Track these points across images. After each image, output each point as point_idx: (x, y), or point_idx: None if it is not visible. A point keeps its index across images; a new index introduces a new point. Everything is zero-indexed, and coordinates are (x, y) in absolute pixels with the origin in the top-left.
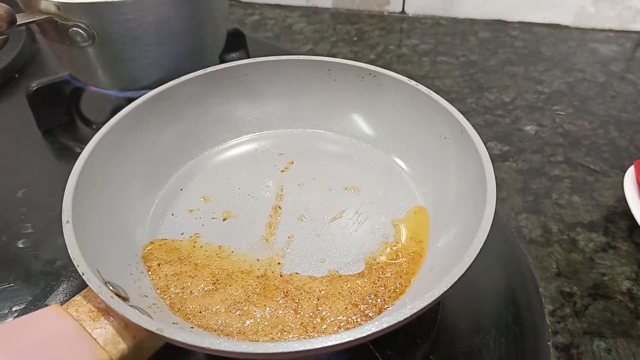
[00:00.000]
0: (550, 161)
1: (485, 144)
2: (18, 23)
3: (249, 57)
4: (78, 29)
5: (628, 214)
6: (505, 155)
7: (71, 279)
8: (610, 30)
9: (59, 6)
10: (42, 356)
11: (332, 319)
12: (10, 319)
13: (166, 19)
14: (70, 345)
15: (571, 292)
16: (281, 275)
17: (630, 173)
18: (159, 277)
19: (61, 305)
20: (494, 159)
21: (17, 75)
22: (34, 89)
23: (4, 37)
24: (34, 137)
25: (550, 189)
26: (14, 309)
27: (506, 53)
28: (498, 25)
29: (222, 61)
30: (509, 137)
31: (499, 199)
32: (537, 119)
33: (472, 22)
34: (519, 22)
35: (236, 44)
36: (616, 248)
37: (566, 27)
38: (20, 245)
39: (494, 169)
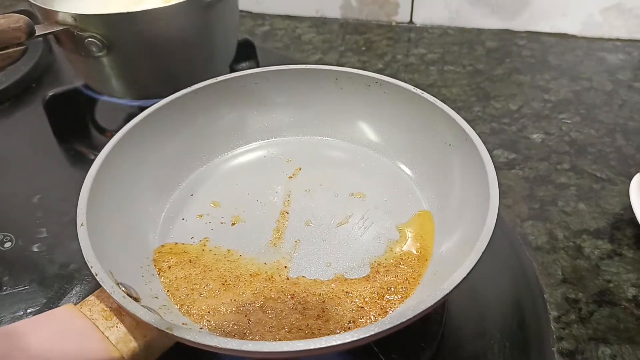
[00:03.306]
0: (557, 169)
1: (491, 152)
2: (37, 34)
3: (258, 67)
4: (93, 40)
5: (634, 222)
6: (512, 162)
7: (84, 282)
8: (618, 40)
9: (76, 17)
10: (56, 353)
11: (338, 321)
12: None
13: (178, 29)
14: (83, 343)
15: (576, 298)
16: (288, 279)
17: (636, 181)
18: (169, 280)
19: (75, 305)
20: (500, 167)
21: (34, 85)
22: (50, 97)
23: (23, 47)
24: (50, 144)
25: (557, 196)
26: (29, 311)
27: (513, 62)
28: (505, 35)
29: (232, 70)
30: (516, 145)
31: (505, 206)
32: (543, 127)
33: (479, 31)
34: (526, 32)
35: (246, 53)
36: (622, 255)
37: (573, 36)
38: (36, 249)
39: (500, 177)
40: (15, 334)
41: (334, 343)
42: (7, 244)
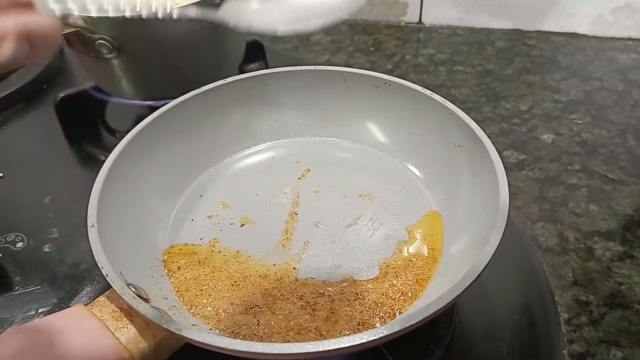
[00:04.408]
0: (567, 170)
1: (501, 153)
2: None
3: (267, 68)
4: (104, 42)
5: None
6: (522, 163)
7: (94, 282)
8: (629, 39)
9: (86, 19)
10: (66, 354)
11: (347, 323)
12: None
13: (188, 31)
14: (93, 344)
15: (587, 300)
16: (297, 280)
17: None
18: (179, 280)
19: (85, 306)
20: (510, 168)
21: (45, 86)
22: (61, 99)
23: None
24: (61, 145)
25: (567, 197)
26: (40, 311)
27: (523, 62)
28: (515, 35)
29: (241, 72)
30: (526, 145)
31: (515, 208)
32: (554, 128)
33: (489, 31)
34: (536, 31)
35: (255, 54)
36: (634, 257)
37: (584, 35)
38: (47, 250)
39: (510, 178)
40: (27, 334)
41: (343, 345)
42: (19, 244)
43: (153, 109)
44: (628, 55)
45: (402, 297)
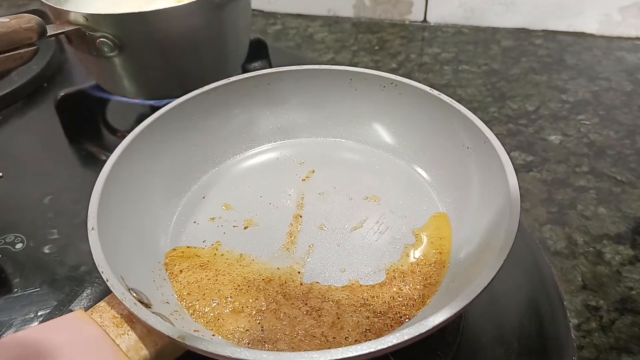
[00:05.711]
0: (575, 171)
1: (508, 154)
2: (48, 34)
3: (271, 67)
4: (105, 40)
5: None
6: (529, 165)
7: (95, 284)
8: (637, 38)
9: (87, 17)
10: None
11: (353, 329)
12: (35, 323)
13: (190, 29)
14: (93, 352)
15: (597, 305)
16: (301, 284)
17: None
18: (181, 284)
19: (85, 310)
20: (517, 169)
21: (45, 84)
22: (62, 97)
23: (34, 47)
24: (61, 145)
25: (575, 199)
26: (39, 313)
27: (529, 62)
28: (521, 34)
29: (244, 70)
30: (533, 146)
31: (522, 210)
32: (561, 129)
33: (495, 30)
34: (543, 31)
35: (258, 53)
36: None
37: (591, 35)
38: (47, 251)
39: (517, 179)
40: (26, 341)
41: (351, 354)
42: (19, 245)
43: (155, 108)
44: (636, 55)
45: (410, 303)
